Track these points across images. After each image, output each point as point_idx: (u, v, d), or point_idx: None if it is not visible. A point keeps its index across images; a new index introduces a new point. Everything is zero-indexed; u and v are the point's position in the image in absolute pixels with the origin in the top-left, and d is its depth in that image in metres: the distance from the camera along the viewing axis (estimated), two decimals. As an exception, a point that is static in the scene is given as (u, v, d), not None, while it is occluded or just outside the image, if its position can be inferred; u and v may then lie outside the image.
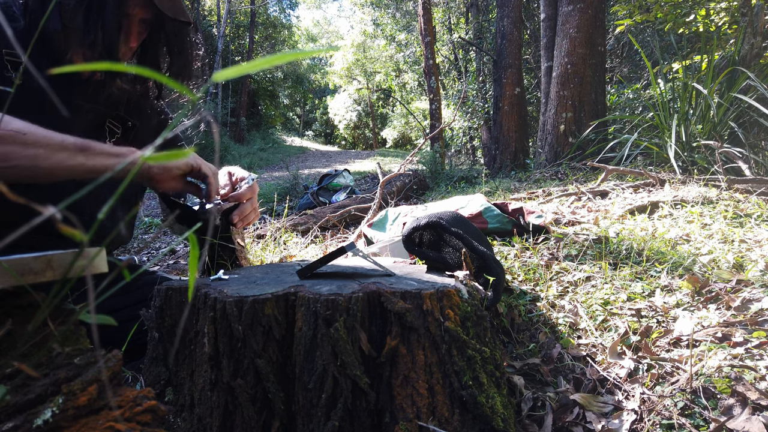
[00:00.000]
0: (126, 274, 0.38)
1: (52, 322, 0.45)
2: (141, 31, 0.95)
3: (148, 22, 0.94)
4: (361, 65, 19.40)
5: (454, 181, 4.99)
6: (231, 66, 2.31)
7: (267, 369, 0.64)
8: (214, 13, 16.17)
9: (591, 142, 4.05)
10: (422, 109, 16.26)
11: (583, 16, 4.22)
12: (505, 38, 5.72)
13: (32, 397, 0.37)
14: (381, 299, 0.65)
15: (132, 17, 0.92)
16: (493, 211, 1.68)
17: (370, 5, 15.20)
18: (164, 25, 0.94)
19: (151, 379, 0.74)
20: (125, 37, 0.92)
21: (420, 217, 1.03)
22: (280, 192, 5.05)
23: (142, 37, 0.96)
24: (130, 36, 0.93)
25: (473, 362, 0.66)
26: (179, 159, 0.94)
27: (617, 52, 7.73)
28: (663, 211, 1.86)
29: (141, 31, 0.95)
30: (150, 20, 0.94)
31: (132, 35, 0.93)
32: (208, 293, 0.68)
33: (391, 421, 0.64)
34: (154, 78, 0.27)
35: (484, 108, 8.56)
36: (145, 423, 0.40)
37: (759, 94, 2.95)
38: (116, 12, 0.87)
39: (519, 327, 1.08)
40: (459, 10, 11.19)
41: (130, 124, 1.05)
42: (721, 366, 0.82)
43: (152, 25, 0.95)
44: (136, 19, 0.93)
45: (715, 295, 1.08)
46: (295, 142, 19.00)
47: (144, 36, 0.96)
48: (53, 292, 0.32)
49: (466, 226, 1.19)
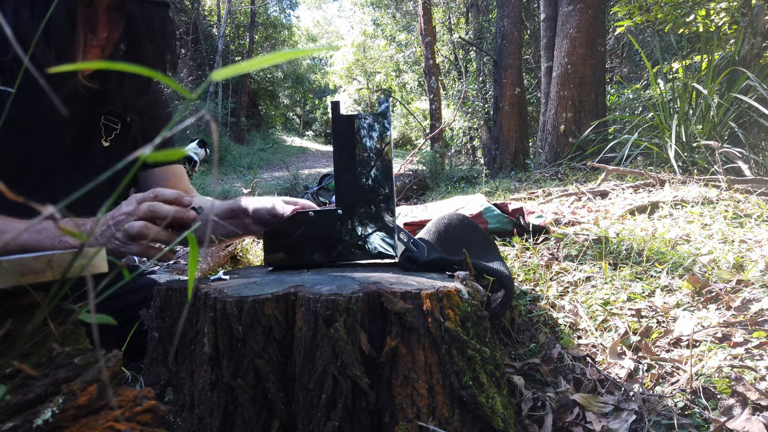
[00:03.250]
0: (126, 273, 0.38)
1: (52, 322, 0.45)
2: (115, 18, 0.88)
3: (118, 7, 0.86)
4: (361, 65, 19.40)
5: (454, 181, 4.99)
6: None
7: (267, 369, 0.64)
8: (214, 13, 16.18)
9: (591, 142, 4.05)
10: (422, 110, 16.25)
11: (583, 16, 4.23)
12: (505, 38, 5.72)
13: (32, 397, 0.37)
14: (381, 299, 0.65)
15: (94, 4, 0.84)
16: (493, 211, 1.68)
17: (370, 5, 15.21)
18: (130, 8, 0.86)
19: (151, 379, 0.74)
20: (89, 28, 0.85)
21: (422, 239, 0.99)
22: (280, 192, 5.05)
23: (118, 25, 0.89)
24: (96, 26, 0.85)
25: (473, 362, 0.66)
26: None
27: (617, 52, 7.74)
28: (663, 212, 1.86)
29: (115, 19, 0.88)
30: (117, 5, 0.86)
31: (99, 24, 0.85)
32: (208, 293, 0.68)
33: (391, 421, 0.64)
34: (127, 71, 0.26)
35: (484, 108, 8.56)
36: (145, 423, 0.40)
37: (759, 94, 2.95)
38: (66, 0, 0.79)
39: (519, 327, 1.08)
40: (459, 10, 11.20)
41: (129, 120, 1.01)
42: (721, 366, 0.82)
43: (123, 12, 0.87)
44: (101, 5, 0.85)
45: (715, 295, 1.08)
46: (295, 142, 19.00)
47: (122, 24, 0.89)
48: (53, 292, 0.32)
49: (471, 229, 1.19)
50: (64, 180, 0.94)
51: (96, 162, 0.99)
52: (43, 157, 0.92)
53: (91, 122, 0.98)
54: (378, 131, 0.89)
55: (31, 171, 0.91)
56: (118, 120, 1.02)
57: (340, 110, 0.89)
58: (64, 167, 0.95)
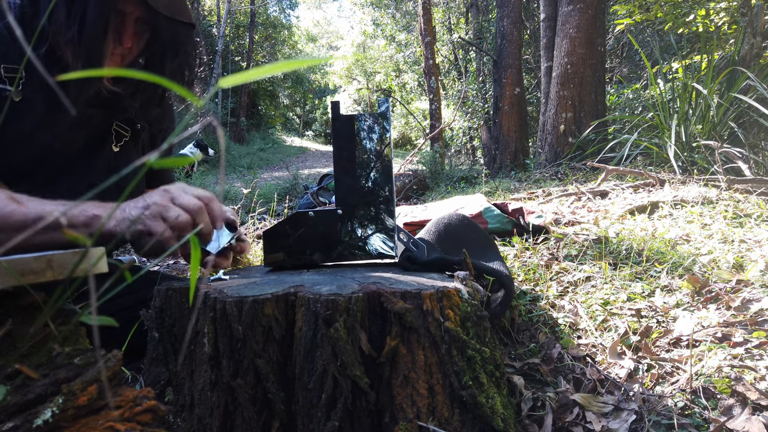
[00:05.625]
0: (127, 275, 0.38)
1: (53, 323, 0.45)
2: (140, 31, 0.91)
3: (147, 21, 0.90)
4: (361, 65, 19.40)
5: (454, 181, 4.99)
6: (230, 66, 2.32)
7: (267, 369, 0.64)
8: (214, 13, 16.17)
9: (591, 142, 4.05)
10: (422, 109, 16.25)
11: (583, 16, 4.23)
12: (505, 38, 5.72)
13: (32, 398, 0.37)
14: (381, 299, 0.65)
15: (125, 15, 0.87)
16: (493, 211, 1.68)
17: (370, 5, 15.21)
18: (159, 24, 0.89)
19: (151, 379, 0.74)
20: (116, 36, 0.88)
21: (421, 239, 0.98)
22: (280, 192, 5.05)
23: (142, 37, 0.92)
24: (123, 35, 0.88)
25: (473, 362, 0.66)
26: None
27: (617, 52, 7.74)
28: (663, 211, 1.86)
29: (140, 31, 0.91)
30: (147, 19, 0.89)
31: (125, 35, 0.88)
32: (208, 293, 0.68)
33: (391, 421, 0.64)
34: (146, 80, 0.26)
35: (484, 108, 8.56)
36: (145, 423, 0.40)
37: (759, 94, 2.95)
38: (101, 7, 0.82)
39: (519, 327, 1.08)
40: (459, 10, 11.20)
41: (139, 127, 1.03)
42: (721, 366, 0.82)
43: (150, 25, 0.90)
44: (131, 17, 0.88)
45: (715, 295, 1.08)
46: (295, 142, 19.00)
47: (146, 37, 0.92)
48: (56, 295, 0.32)
49: (471, 229, 1.19)
50: (72, 181, 0.95)
51: (104, 166, 1.01)
52: (55, 156, 0.93)
53: (104, 127, 1.00)
54: (378, 131, 0.89)
55: (41, 169, 0.92)
56: (129, 128, 1.04)
57: (340, 110, 0.89)
58: (73, 168, 0.97)
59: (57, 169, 0.94)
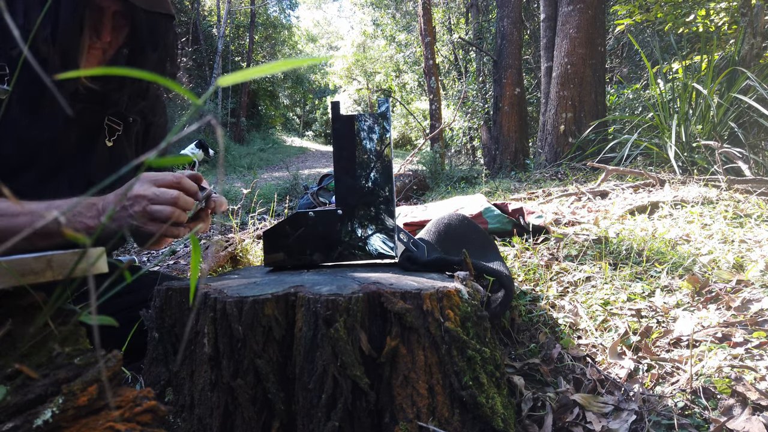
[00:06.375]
0: (127, 275, 0.38)
1: (53, 323, 0.45)
2: (119, 25, 0.90)
3: (125, 14, 0.89)
4: (361, 65, 19.40)
5: (454, 181, 4.98)
6: (231, 66, 2.31)
7: (267, 369, 0.64)
8: (214, 14, 16.17)
9: (591, 142, 4.05)
10: (422, 110, 16.26)
11: (583, 16, 4.23)
12: (505, 38, 5.72)
13: (32, 398, 0.37)
14: (381, 299, 0.65)
15: (102, 10, 0.87)
16: (493, 211, 1.68)
17: (370, 5, 15.21)
18: (137, 17, 0.89)
19: (151, 379, 0.74)
20: (94, 31, 0.87)
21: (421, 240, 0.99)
22: (280, 192, 5.05)
23: (121, 31, 0.91)
24: (102, 30, 0.88)
25: (473, 362, 0.66)
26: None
27: (617, 52, 7.74)
28: (663, 212, 1.86)
29: (119, 25, 0.90)
30: (124, 12, 0.89)
31: (104, 30, 0.88)
32: (208, 293, 0.68)
33: (391, 422, 0.64)
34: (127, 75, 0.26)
35: (484, 108, 8.56)
36: (145, 423, 0.40)
37: (759, 94, 2.95)
38: (74, 3, 0.82)
39: (519, 327, 1.08)
40: (459, 10, 11.20)
41: (131, 120, 1.04)
42: (721, 366, 0.82)
43: (129, 19, 0.90)
44: (108, 12, 0.87)
45: (715, 295, 1.08)
46: (295, 143, 19.00)
47: (125, 30, 0.92)
48: (56, 295, 0.32)
49: (471, 229, 1.19)
50: (68, 176, 0.96)
51: (99, 161, 1.01)
52: (49, 152, 0.93)
53: (96, 122, 1.00)
54: (378, 131, 0.89)
55: (36, 165, 0.92)
56: (121, 122, 1.04)
57: (340, 110, 0.89)
58: (69, 164, 0.97)
59: (53, 164, 0.94)
